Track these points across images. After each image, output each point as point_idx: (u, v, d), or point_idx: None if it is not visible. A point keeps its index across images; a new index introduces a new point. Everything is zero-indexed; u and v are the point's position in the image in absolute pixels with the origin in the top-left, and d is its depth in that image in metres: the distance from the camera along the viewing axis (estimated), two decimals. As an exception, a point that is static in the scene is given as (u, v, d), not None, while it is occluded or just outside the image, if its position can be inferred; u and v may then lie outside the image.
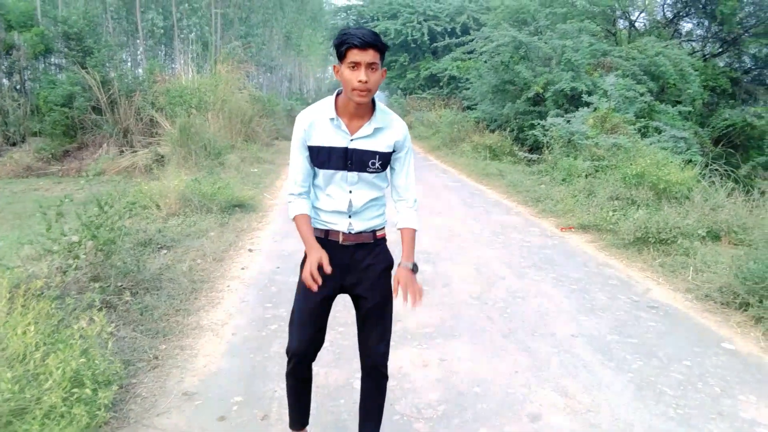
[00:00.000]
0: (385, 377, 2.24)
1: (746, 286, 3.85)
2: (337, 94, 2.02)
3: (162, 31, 27.04)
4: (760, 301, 3.72)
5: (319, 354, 2.21)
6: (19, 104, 18.13)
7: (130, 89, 16.30)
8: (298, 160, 2.06)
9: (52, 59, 21.38)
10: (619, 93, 12.12)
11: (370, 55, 1.84)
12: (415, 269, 2.08)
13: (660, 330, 3.73)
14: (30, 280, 2.79)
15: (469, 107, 18.75)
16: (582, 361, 3.30)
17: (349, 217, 2.07)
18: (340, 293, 2.16)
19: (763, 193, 6.11)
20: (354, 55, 1.84)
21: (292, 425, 2.36)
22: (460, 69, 21.82)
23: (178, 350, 3.41)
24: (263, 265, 5.23)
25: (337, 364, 3.18)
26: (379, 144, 2.02)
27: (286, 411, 2.38)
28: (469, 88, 18.59)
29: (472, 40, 17.47)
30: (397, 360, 3.12)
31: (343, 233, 2.08)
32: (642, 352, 3.40)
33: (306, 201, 2.11)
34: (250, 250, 5.78)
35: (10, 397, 1.97)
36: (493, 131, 15.49)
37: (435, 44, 24.58)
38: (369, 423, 2.28)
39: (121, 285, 4.14)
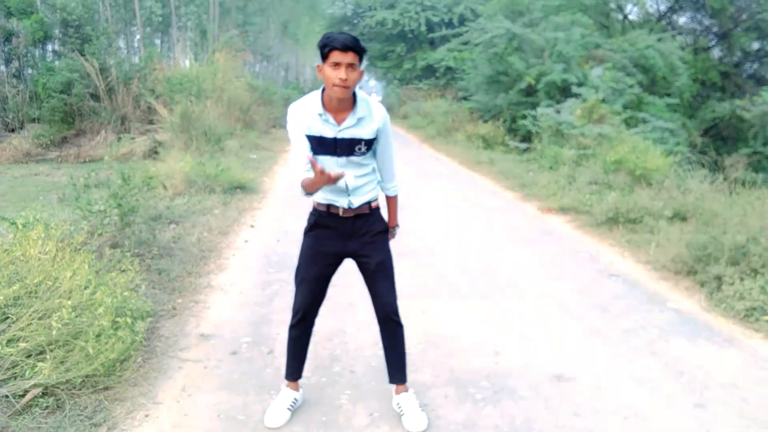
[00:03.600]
0: (400, 326, 2.53)
1: (694, 254, 4.36)
2: (323, 90, 2.24)
3: (160, 18, 27.19)
4: (704, 268, 4.23)
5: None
6: (18, 91, 18.08)
7: (128, 77, 16.40)
8: (301, 148, 2.27)
9: (51, 46, 21.46)
10: (607, 85, 12.52)
11: (349, 57, 2.11)
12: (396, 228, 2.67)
13: (617, 293, 4.24)
14: (71, 236, 3.26)
15: (464, 98, 19.10)
16: (542, 314, 3.81)
17: (348, 195, 2.35)
18: (344, 258, 2.47)
19: (726, 178, 6.59)
20: (336, 56, 2.10)
21: (288, 376, 2.60)
22: (456, 60, 22.14)
23: (192, 303, 3.91)
24: (265, 239, 5.72)
25: (333, 316, 3.67)
26: (364, 131, 2.28)
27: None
28: (464, 79, 18.93)
29: (468, 31, 17.82)
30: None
31: (343, 208, 2.36)
32: (597, 309, 3.91)
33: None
34: (252, 226, 6.26)
35: (69, 321, 2.45)
36: (486, 121, 15.84)
37: (432, 35, 24.80)
38: (396, 372, 2.58)
39: (138, 251, 4.62)
